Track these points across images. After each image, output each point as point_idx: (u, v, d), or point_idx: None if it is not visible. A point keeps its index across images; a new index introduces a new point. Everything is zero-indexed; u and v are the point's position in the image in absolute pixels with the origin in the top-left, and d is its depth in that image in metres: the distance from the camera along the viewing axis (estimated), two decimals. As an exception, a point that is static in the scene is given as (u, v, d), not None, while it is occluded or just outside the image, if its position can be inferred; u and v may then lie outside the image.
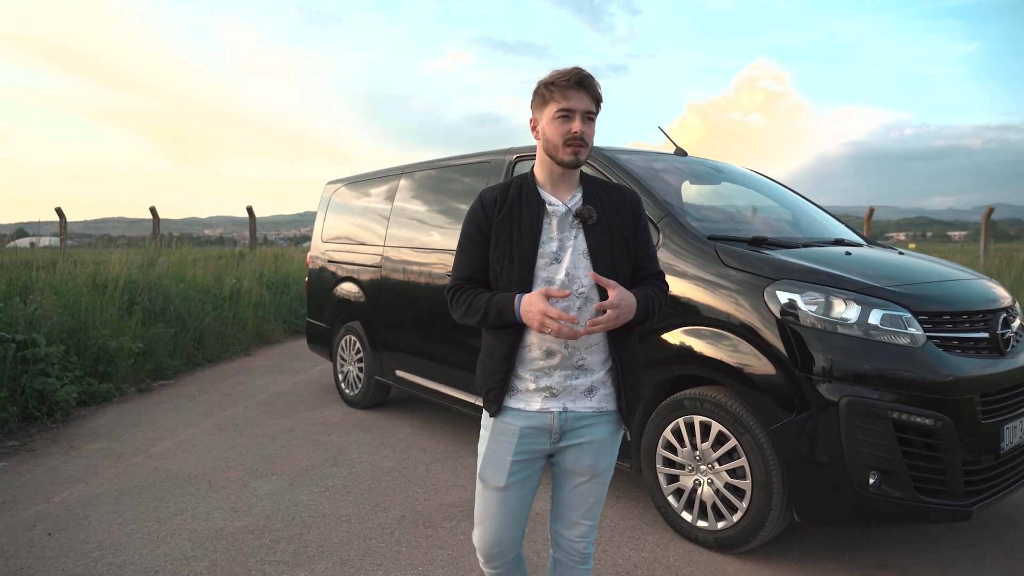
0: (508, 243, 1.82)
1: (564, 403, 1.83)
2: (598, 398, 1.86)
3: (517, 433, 1.84)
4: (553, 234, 1.83)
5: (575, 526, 1.94)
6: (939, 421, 2.58)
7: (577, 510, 1.93)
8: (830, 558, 2.96)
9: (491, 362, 1.87)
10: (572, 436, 1.85)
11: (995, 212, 14.93)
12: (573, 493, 1.92)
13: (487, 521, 1.89)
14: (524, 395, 1.85)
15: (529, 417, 1.84)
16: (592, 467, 1.88)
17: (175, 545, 3.08)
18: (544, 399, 1.83)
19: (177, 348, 7.03)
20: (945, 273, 3.28)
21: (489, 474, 1.88)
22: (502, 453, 1.86)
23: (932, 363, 2.66)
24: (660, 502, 3.21)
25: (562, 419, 1.83)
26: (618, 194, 1.92)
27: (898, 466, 2.60)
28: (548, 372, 1.82)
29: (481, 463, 1.91)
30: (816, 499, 2.73)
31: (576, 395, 1.84)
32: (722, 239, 3.22)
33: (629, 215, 1.90)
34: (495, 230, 1.85)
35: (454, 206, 4.59)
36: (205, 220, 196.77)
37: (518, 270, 1.80)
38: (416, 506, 3.53)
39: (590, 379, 1.85)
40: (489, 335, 1.89)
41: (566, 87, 1.77)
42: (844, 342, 2.70)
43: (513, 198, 1.86)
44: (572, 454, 1.88)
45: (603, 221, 1.85)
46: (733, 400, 2.91)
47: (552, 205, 1.85)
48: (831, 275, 2.86)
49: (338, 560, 2.94)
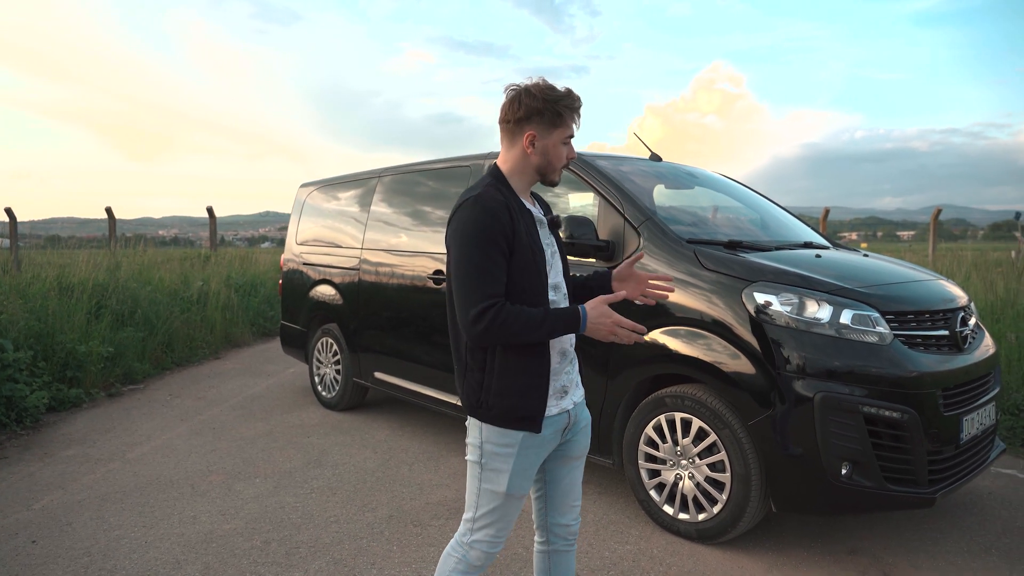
0: (524, 256, 1.79)
1: (573, 398, 1.94)
2: (582, 384, 2.04)
3: (545, 442, 1.87)
4: (546, 241, 1.91)
5: (571, 510, 2.05)
6: (905, 414, 2.75)
7: (572, 493, 2.05)
8: (804, 545, 3.12)
9: (526, 383, 1.80)
10: (576, 426, 1.98)
11: (941, 213, 15.56)
12: (570, 478, 2.03)
13: (502, 523, 1.89)
14: (551, 403, 1.87)
15: (554, 422, 1.88)
16: (586, 447, 2.05)
17: (165, 549, 3.08)
18: (561, 400, 1.90)
19: (146, 352, 6.92)
20: (907, 275, 3.47)
21: (517, 487, 1.85)
22: (532, 465, 1.87)
23: (898, 360, 2.83)
24: (642, 496, 3.33)
25: (573, 414, 1.94)
26: (541, 200, 2.06)
27: (868, 457, 2.76)
28: (561, 372, 1.90)
29: (511, 479, 1.83)
30: (792, 490, 2.88)
31: (575, 387, 1.97)
32: (700, 242, 3.36)
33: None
34: (517, 244, 1.79)
35: (433, 210, 4.65)
36: (159, 220, 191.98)
37: (542, 281, 1.83)
38: (403, 506, 3.59)
39: (575, 368, 1.99)
40: (509, 355, 1.79)
41: (577, 113, 1.87)
42: (817, 340, 2.86)
43: (513, 208, 1.82)
44: (574, 443, 1.99)
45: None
46: (713, 397, 3.05)
47: (536, 213, 1.93)
48: (804, 277, 3.01)
49: (331, 560, 2.99)
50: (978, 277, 8.29)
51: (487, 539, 1.90)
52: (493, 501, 1.87)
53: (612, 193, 3.58)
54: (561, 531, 2.05)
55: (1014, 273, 9.43)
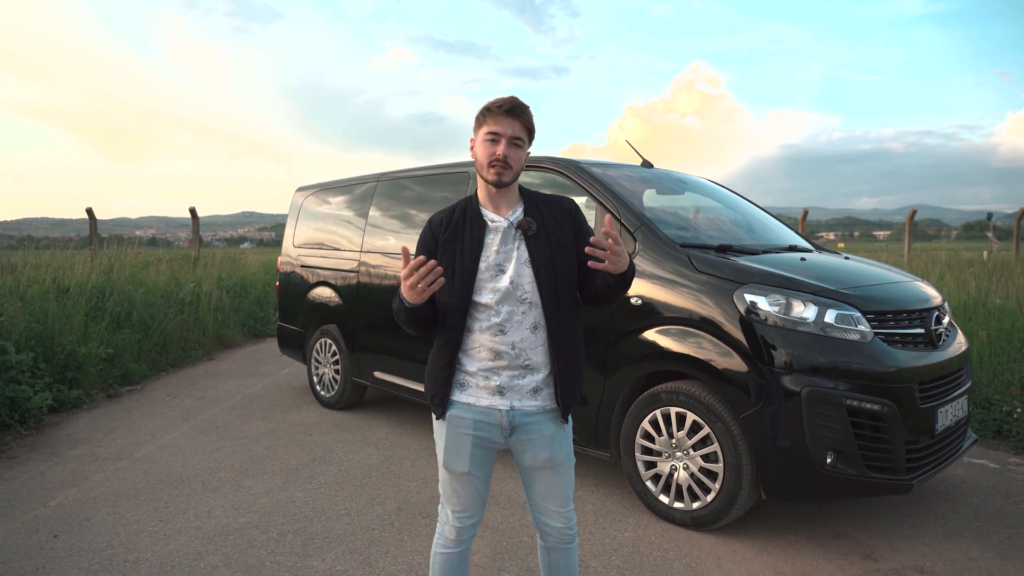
0: (451, 260, 2.02)
1: (511, 401, 2.02)
2: (542, 398, 2.04)
3: (471, 424, 2.04)
4: (496, 248, 2.03)
5: (557, 516, 2.12)
6: (885, 407, 2.96)
7: (554, 501, 2.11)
8: (791, 531, 3.32)
9: (434, 369, 2.07)
10: (522, 431, 2.04)
11: (916, 213, 15.97)
12: (545, 486, 2.11)
13: (457, 499, 2.11)
14: (474, 391, 2.04)
15: (479, 412, 2.03)
16: (550, 459, 2.07)
17: (184, 542, 3.21)
18: (492, 396, 2.02)
19: (142, 354, 7.00)
20: (886, 276, 3.69)
21: (452, 463, 2.06)
22: (461, 443, 2.05)
23: (879, 356, 3.04)
24: (639, 487, 3.52)
25: (510, 416, 2.02)
26: (557, 204, 2.11)
27: (851, 447, 2.96)
28: (497, 371, 2.02)
29: (444, 455, 2.07)
30: (781, 478, 3.08)
31: (522, 395, 2.03)
32: (692, 246, 3.55)
33: (569, 223, 2.09)
34: (440, 249, 2.04)
35: (431, 213, 4.80)
36: (136, 220, 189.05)
37: (459, 284, 2.01)
38: (410, 499, 3.74)
39: (535, 379, 2.03)
40: (435, 345, 2.08)
41: (498, 113, 1.99)
42: (803, 339, 3.06)
43: (458, 220, 2.06)
44: (528, 451, 2.06)
45: (543, 231, 2.04)
46: (706, 392, 3.24)
47: (494, 221, 2.05)
48: (791, 279, 3.21)
49: (346, 549, 3.14)
50: (951, 277, 8.61)
51: (450, 515, 2.12)
52: (442, 477, 2.14)
53: (607, 199, 3.76)
54: (550, 531, 2.15)
55: (985, 273, 9.79)
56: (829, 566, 2.99)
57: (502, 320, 2.00)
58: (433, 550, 2.17)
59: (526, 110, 2.01)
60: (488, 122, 2.00)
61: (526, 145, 2.04)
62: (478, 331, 2.02)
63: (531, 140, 2.06)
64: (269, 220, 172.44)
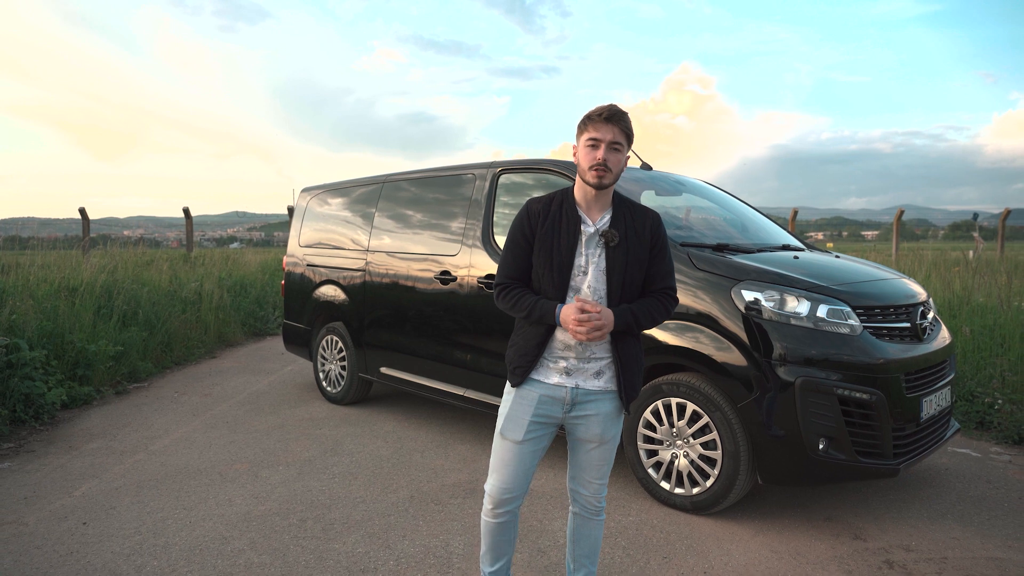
0: (550, 253, 2.23)
1: (576, 381, 2.26)
2: (604, 380, 2.28)
3: (536, 399, 2.27)
4: (583, 250, 2.23)
5: (589, 485, 2.38)
6: (874, 396, 3.16)
7: (591, 471, 2.37)
8: (786, 514, 3.51)
9: (525, 345, 2.28)
10: (581, 408, 2.28)
11: (903, 214, 16.27)
12: (587, 457, 2.35)
13: (502, 469, 2.31)
14: (545, 371, 2.28)
15: (547, 388, 2.27)
16: (600, 435, 2.31)
17: (209, 528, 3.36)
18: (560, 376, 2.27)
19: (147, 351, 7.12)
20: (873, 274, 3.89)
21: (509, 430, 2.30)
22: (522, 413, 2.29)
23: (867, 348, 3.24)
24: (641, 474, 3.70)
25: (574, 393, 2.26)
26: (642, 216, 2.29)
27: (842, 433, 3.16)
28: (565, 357, 2.27)
29: (503, 421, 2.32)
30: (776, 464, 3.27)
31: (587, 376, 2.27)
32: (691, 245, 3.73)
33: (648, 236, 2.27)
34: (539, 239, 2.25)
35: (440, 214, 4.96)
36: (124, 220, 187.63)
37: (556, 278, 2.23)
38: (421, 487, 3.91)
39: (598, 364, 2.28)
40: (526, 325, 2.30)
41: (598, 120, 2.19)
42: (797, 332, 3.25)
43: (555, 213, 2.25)
44: (583, 425, 2.30)
45: (624, 242, 2.22)
46: (705, 383, 3.42)
47: (585, 225, 2.25)
48: (785, 276, 3.40)
49: (365, 534, 3.30)
50: (937, 276, 8.86)
51: (492, 485, 2.34)
52: (496, 444, 2.35)
53: (611, 200, 3.94)
54: (581, 499, 2.40)
55: (969, 272, 10.05)
56: (821, 545, 3.18)
57: None
58: (482, 515, 2.41)
59: (624, 116, 2.19)
60: (589, 128, 2.20)
61: (625, 149, 2.22)
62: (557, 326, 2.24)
63: (630, 144, 2.24)
64: (259, 220, 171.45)
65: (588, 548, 2.46)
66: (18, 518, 3.49)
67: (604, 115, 2.18)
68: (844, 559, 3.05)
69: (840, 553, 3.11)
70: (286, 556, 3.07)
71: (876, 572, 2.93)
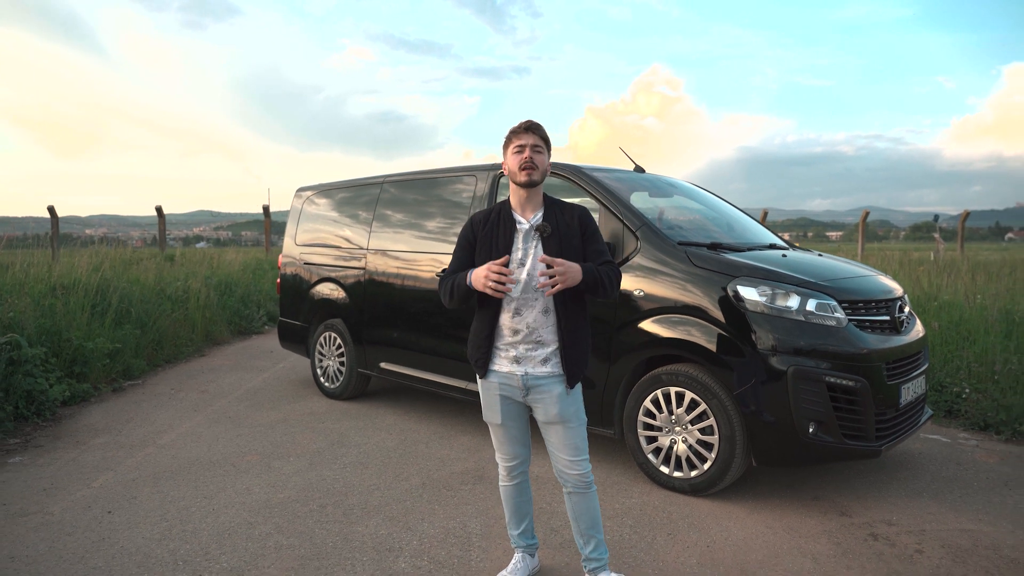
0: (488, 253, 2.56)
1: (526, 368, 2.56)
2: (551, 366, 2.56)
3: (497, 387, 2.63)
4: (519, 244, 2.56)
5: (571, 465, 2.61)
6: (858, 383, 3.42)
7: (564, 451, 2.61)
8: (777, 494, 3.77)
9: (476, 337, 2.64)
10: (535, 392, 2.57)
11: (868, 215, 16.83)
12: (557, 438, 2.62)
13: (501, 445, 2.74)
14: (499, 361, 2.61)
15: (502, 376, 2.61)
16: (558, 415, 2.57)
17: (233, 514, 3.50)
18: (511, 364, 2.58)
19: (140, 349, 7.16)
20: (854, 271, 4.17)
21: (489, 416, 2.69)
22: (492, 400, 2.65)
23: (852, 339, 3.51)
24: (641, 460, 3.92)
25: (524, 379, 2.56)
26: (570, 210, 2.63)
27: (829, 418, 3.41)
28: (515, 345, 2.57)
29: (483, 409, 2.70)
30: (769, 447, 3.52)
31: (535, 363, 2.56)
32: (688, 244, 3.97)
33: (577, 226, 2.59)
34: (479, 243, 2.60)
35: (441, 213, 5.14)
36: (86, 219, 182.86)
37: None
38: (431, 475, 4.08)
39: (545, 351, 2.55)
40: (476, 321, 2.64)
41: (520, 131, 2.57)
42: (788, 324, 3.50)
43: (494, 220, 2.61)
44: (541, 408, 2.59)
45: (556, 233, 2.54)
46: (703, 373, 3.66)
47: (520, 223, 2.59)
48: (776, 273, 3.66)
49: (385, 517, 3.47)
50: (904, 275, 9.28)
51: (499, 457, 2.77)
52: (489, 427, 2.75)
53: (611, 202, 4.16)
54: (568, 478, 2.64)
55: (935, 271, 10.52)
56: (811, 521, 3.44)
57: (519, 304, 2.54)
58: (499, 485, 2.81)
59: (540, 126, 2.59)
60: (513, 139, 2.58)
61: (546, 152, 2.59)
62: (503, 312, 2.57)
63: (549, 149, 2.61)
64: (225, 219, 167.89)
65: (589, 520, 2.68)
66: (42, 508, 3.59)
67: (524, 127, 2.58)
68: (833, 533, 3.31)
69: (829, 528, 3.37)
70: (313, 538, 3.23)
71: (863, 544, 3.20)
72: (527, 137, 2.55)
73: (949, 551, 3.12)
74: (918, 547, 3.16)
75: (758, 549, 3.14)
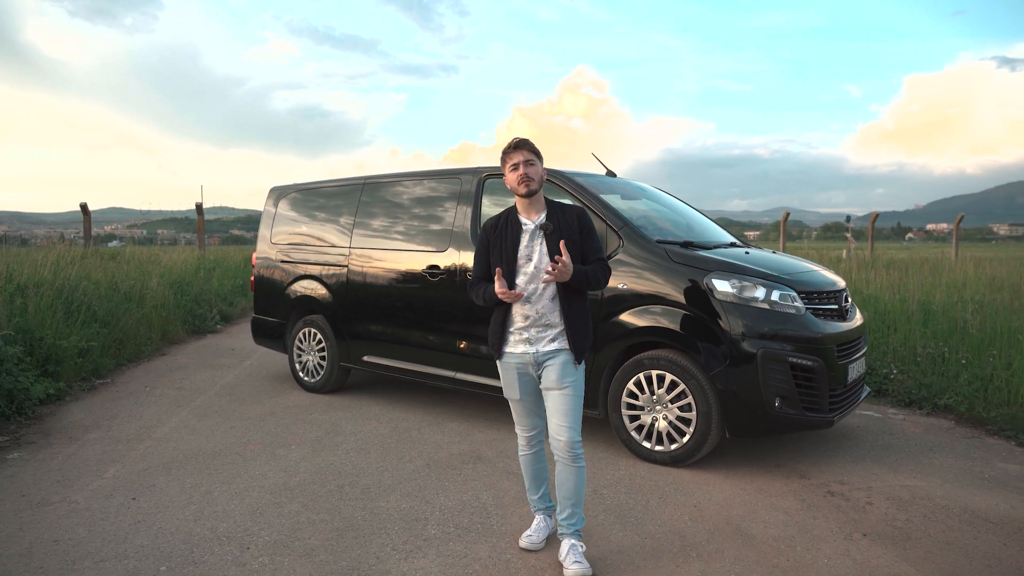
0: (499, 253, 2.99)
1: (537, 348, 2.98)
2: (558, 343, 2.97)
3: (514, 366, 3.04)
4: (527, 243, 2.97)
5: (561, 430, 2.92)
6: (816, 362, 3.96)
7: (558, 416, 2.94)
8: (743, 463, 4.28)
9: (493, 325, 3.06)
10: (544, 366, 2.98)
11: (787, 216, 17.98)
12: (554, 403, 2.96)
13: (520, 418, 3.14)
14: (513, 344, 3.03)
15: (517, 357, 3.02)
16: (557, 380, 2.93)
17: (258, 496, 3.73)
18: (524, 345, 2.99)
19: (106, 348, 7.12)
20: (804, 266, 4.74)
21: (508, 393, 3.10)
22: (510, 379, 3.06)
23: (810, 325, 4.04)
24: (625, 436, 4.36)
25: (535, 357, 2.98)
26: (570, 211, 3.04)
27: (792, 393, 3.94)
28: (527, 329, 2.98)
29: (504, 388, 3.10)
30: (741, 420, 4.01)
31: (544, 342, 2.97)
32: (666, 243, 4.43)
33: (576, 225, 3.00)
34: (492, 244, 3.02)
35: (426, 214, 5.44)
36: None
37: (504, 267, 2.96)
38: (433, 457, 4.40)
39: (553, 332, 2.97)
40: (493, 311, 3.08)
41: (511, 150, 2.97)
42: (756, 312, 4.00)
43: (502, 224, 3.03)
44: (546, 374, 2.97)
45: (558, 231, 2.93)
46: (682, 357, 4.12)
47: (525, 225, 3.00)
48: (744, 267, 4.16)
49: (402, 494, 3.77)
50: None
51: (519, 429, 3.16)
52: (509, 403, 3.15)
53: (593, 203, 4.58)
54: (558, 445, 2.95)
55: (853, 267, 11.48)
56: (777, 483, 3.96)
57: (529, 294, 2.94)
58: (519, 454, 3.19)
59: (527, 141, 2.98)
60: (507, 158, 2.98)
61: (538, 162, 3.00)
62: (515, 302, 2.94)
63: (540, 158, 3.01)
64: (139, 217, 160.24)
65: (568, 491, 3.00)
66: (64, 497, 3.71)
67: (513, 144, 2.98)
68: (797, 492, 3.83)
69: (793, 488, 3.89)
70: (341, 513, 3.51)
71: (823, 499, 3.73)
72: (518, 155, 2.94)
73: (893, 502, 3.69)
74: (868, 500, 3.72)
75: (738, 506, 3.62)
